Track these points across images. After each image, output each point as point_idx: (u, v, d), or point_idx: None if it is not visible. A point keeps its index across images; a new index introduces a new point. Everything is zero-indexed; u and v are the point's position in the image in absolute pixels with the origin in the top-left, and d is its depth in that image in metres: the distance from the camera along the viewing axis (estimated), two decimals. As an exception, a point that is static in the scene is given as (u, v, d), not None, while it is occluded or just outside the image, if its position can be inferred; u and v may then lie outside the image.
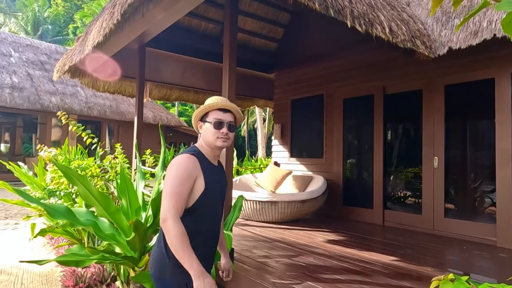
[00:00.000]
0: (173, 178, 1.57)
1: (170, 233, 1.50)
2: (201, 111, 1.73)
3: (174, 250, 1.51)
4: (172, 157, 17.19)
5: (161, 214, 1.53)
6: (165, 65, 6.26)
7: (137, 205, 3.02)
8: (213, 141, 1.71)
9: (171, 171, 1.59)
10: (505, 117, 4.01)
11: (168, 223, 1.50)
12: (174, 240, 1.50)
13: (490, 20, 3.47)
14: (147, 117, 17.65)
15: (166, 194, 1.55)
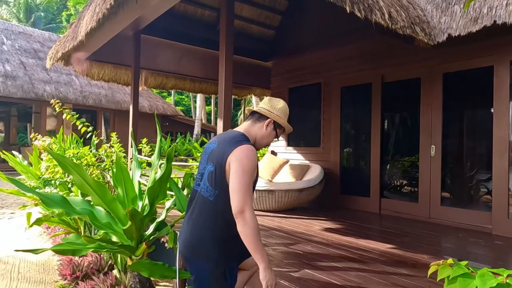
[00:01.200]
0: (247, 171, 1.60)
1: (248, 224, 1.54)
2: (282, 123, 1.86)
3: (249, 239, 1.54)
4: (168, 146, 17.14)
5: (236, 205, 1.55)
6: (161, 52, 6.16)
7: (134, 194, 3.00)
8: (265, 143, 1.87)
9: (246, 161, 1.62)
10: (503, 105, 4.00)
11: (246, 215, 1.54)
12: (250, 231, 1.54)
13: (490, 6, 3.42)
14: (143, 106, 17.50)
15: (241, 186, 1.57)
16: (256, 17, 6.56)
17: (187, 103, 34.07)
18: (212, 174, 1.69)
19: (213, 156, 1.73)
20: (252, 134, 1.83)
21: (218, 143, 1.77)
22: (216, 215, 1.68)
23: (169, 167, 2.73)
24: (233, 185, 1.58)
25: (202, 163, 1.82)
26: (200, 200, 1.73)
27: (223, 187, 1.65)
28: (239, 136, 1.75)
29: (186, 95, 33.45)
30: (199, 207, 1.73)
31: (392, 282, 2.48)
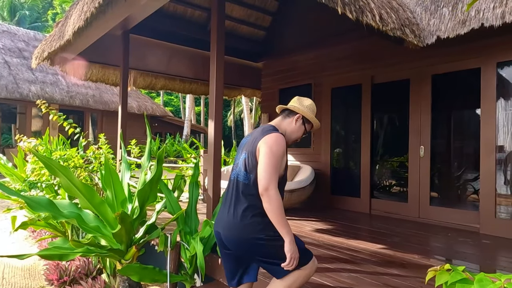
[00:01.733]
0: (275, 154, 1.79)
1: (273, 201, 1.72)
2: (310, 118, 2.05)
3: (274, 215, 1.72)
4: (157, 147, 16.95)
5: (263, 183, 1.73)
6: (150, 52, 6.09)
7: (123, 196, 2.94)
8: (294, 138, 2.07)
9: (273, 146, 1.81)
10: (490, 106, 4.07)
11: (271, 192, 1.72)
12: (275, 207, 1.72)
13: (478, 9, 3.48)
14: (132, 107, 17.29)
15: (267, 166, 1.76)
16: (247, 17, 6.54)
17: (176, 104, 33.81)
18: (246, 161, 1.90)
19: (246, 146, 1.95)
20: (282, 129, 2.02)
21: (251, 134, 2.00)
22: (254, 196, 1.84)
23: (160, 169, 2.69)
24: (260, 165, 1.78)
25: (237, 155, 2.03)
26: (238, 185, 1.90)
27: (256, 171, 1.83)
28: (270, 127, 1.97)
29: (175, 96, 33.21)
30: (238, 191, 1.89)
31: (383, 283, 2.49)
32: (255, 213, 1.82)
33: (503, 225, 3.94)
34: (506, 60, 3.97)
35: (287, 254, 1.74)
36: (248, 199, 1.84)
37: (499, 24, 3.30)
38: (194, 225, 3.10)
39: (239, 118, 29.48)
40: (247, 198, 1.85)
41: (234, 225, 1.85)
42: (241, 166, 1.92)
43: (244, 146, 1.99)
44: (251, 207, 1.83)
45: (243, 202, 1.85)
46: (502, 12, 3.27)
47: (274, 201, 1.72)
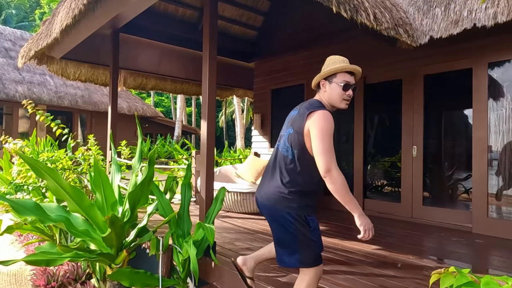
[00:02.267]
0: (327, 133, 1.80)
1: (337, 181, 1.76)
2: (330, 71, 1.93)
3: (340, 195, 1.77)
4: (148, 148, 16.77)
5: (323, 166, 1.77)
6: (141, 52, 5.99)
7: (113, 199, 2.86)
8: (338, 102, 1.97)
9: (322, 125, 1.81)
10: (481, 106, 4.09)
11: (334, 173, 1.76)
12: (340, 187, 1.76)
13: (470, 10, 3.49)
14: (122, 108, 17.07)
15: (324, 148, 1.78)
16: (239, 17, 6.49)
17: (167, 104, 33.55)
18: (291, 136, 1.91)
19: (293, 121, 1.95)
20: (323, 100, 2.00)
21: (299, 109, 1.99)
22: (295, 171, 1.88)
23: (151, 170, 2.62)
24: (316, 148, 1.79)
25: (283, 127, 2.05)
26: (280, 158, 1.94)
27: (301, 147, 1.86)
28: (316, 102, 1.95)
29: (166, 96, 32.95)
30: (279, 164, 1.93)
31: (380, 285, 2.46)
32: (294, 190, 1.87)
33: (495, 224, 3.96)
34: (497, 61, 4.00)
35: (360, 227, 1.78)
36: (290, 174, 1.89)
37: (491, 24, 3.31)
38: (186, 228, 3.03)
39: (230, 119, 29.39)
40: (289, 173, 1.89)
41: (271, 194, 1.90)
42: (286, 140, 1.94)
43: (291, 120, 2.00)
44: (291, 182, 1.88)
45: (285, 175, 1.89)
46: (494, 13, 3.29)
47: (338, 182, 1.76)
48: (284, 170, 1.90)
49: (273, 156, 2.03)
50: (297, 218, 1.87)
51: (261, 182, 2.04)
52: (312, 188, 1.92)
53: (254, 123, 6.97)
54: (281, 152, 1.95)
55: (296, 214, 1.87)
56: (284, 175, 1.90)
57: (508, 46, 3.89)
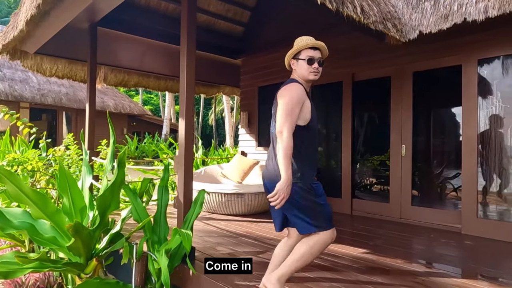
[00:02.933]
0: (289, 100, 1.97)
1: (284, 142, 1.90)
2: (294, 50, 2.14)
3: (281, 156, 1.89)
4: (135, 147, 16.45)
5: (277, 127, 1.94)
6: (122, 47, 5.75)
7: (82, 203, 2.65)
8: (306, 75, 2.13)
9: (286, 94, 2.00)
10: (471, 104, 3.99)
11: (284, 135, 1.91)
12: (284, 149, 1.89)
13: (460, 4, 3.37)
14: (108, 105, 16.72)
15: (282, 112, 1.95)
16: (224, 12, 6.29)
17: (156, 102, 33.12)
18: (273, 115, 2.10)
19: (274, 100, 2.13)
20: (296, 77, 2.17)
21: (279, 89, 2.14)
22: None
23: (121, 173, 2.42)
24: (278, 112, 1.98)
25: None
26: (273, 137, 2.11)
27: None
28: (289, 80, 2.14)
29: (155, 94, 32.52)
30: (273, 143, 2.11)
31: (367, 293, 2.32)
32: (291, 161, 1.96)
33: (484, 225, 3.87)
34: (487, 57, 3.90)
35: (276, 188, 1.88)
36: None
37: (482, 19, 3.19)
38: (163, 234, 2.85)
39: (220, 117, 29.13)
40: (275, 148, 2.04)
41: (273, 172, 2.03)
42: (273, 118, 2.12)
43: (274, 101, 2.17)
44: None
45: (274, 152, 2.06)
46: (485, 7, 3.17)
47: (285, 142, 1.90)
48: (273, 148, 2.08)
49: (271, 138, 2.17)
50: (304, 188, 2.01)
51: (266, 166, 2.18)
52: (306, 152, 2.04)
53: (241, 122, 6.79)
54: (272, 132, 2.13)
55: (303, 185, 2.00)
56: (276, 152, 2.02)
57: (497, 42, 3.79)
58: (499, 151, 3.84)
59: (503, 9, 3.08)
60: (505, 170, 3.82)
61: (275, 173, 1.99)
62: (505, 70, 3.81)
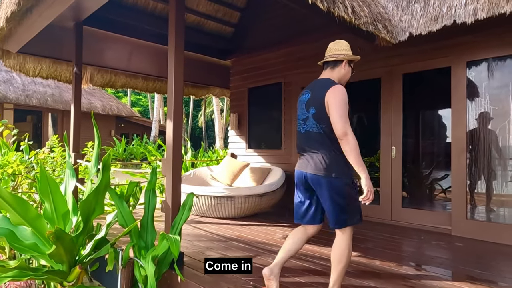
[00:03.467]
0: (343, 102, 2.11)
1: (351, 143, 2.06)
2: (355, 58, 2.36)
3: (353, 156, 2.06)
4: (123, 149, 16.20)
5: (340, 130, 2.06)
6: (109, 47, 5.62)
7: (64, 208, 2.54)
8: (346, 81, 2.38)
9: (339, 97, 2.11)
10: (460, 106, 4.01)
11: (349, 136, 2.06)
12: (354, 149, 2.06)
13: (450, 6, 3.37)
14: (95, 107, 16.44)
15: (341, 114, 2.08)
16: (214, 12, 6.23)
17: (144, 104, 32.77)
18: (316, 115, 2.19)
19: (312, 102, 2.23)
20: (335, 78, 2.31)
21: (312, 91, 2.28)
22: (329, 143, 2.16)
23: (106, 176, 2.33)
24: (333, 116, 2.09)
25: (301, 111, 2.32)
26: (312, 136, 2.23)
27: (327, 121, 2.15)
28: (328, 81, 2.24)
29: (144, 95, 32.17)
30: (313, 141, 2.21)
31: (359, 298, 2.27)
32: (335, 159, 2.15)
33: (474, 226, 3.88)
34: (475, 60, 3.92)
35: (365, 188, 2.10)
36: (324, 146, 2.17)
37: (471, 21, 3.20)
38: (150, 239, 2.76)
39: (210, 119, 28.97)
40: (325, 146, 2.17)
41: (317, 168, 2.16)
42: (312, 119, 2.22)
43: (308, 102, 2.27)
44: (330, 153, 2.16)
45: (321, 149, 2.18)
46: (474, 9, 3.18)
47: (353, 143, 2.05)
48: (319, 144, 2.18)
49: (303, 138, 2.29)
50: (347, 182, 2.16)
51: (301, 162, 2.30)
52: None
53: (231, 123, 6.72)
54: (311, 131, 2.23)
55: (346, 178, 2.16)
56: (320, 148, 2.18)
57: (486, 44, 3.82)
58: (488, 152, 3.87)
59: (492, 11, 3.09)
60: (493, 172, 3.84)
61: (322, 166, 2.15)
62: (493, 72, 3.84)
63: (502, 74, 3.77)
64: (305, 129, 2.28)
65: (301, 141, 2.31)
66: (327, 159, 2.15)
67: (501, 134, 3.78)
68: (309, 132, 2.24)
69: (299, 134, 2.33)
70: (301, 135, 2.31)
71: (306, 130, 2.26)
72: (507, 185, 3.77)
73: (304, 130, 2.28)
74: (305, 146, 2.27)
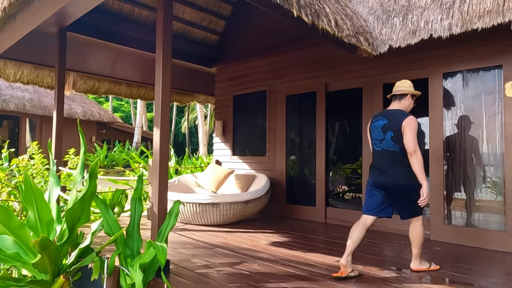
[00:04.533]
0: (415, 129, 2.80)
1: (419, 159, 2.75)
2: (417, 93, 3.06)
3: (418, 167, 2.75)
4: (105, 156, 15.90)
5: (411, 148, 2.75)
6: (92, 53, 5.58)
7: (49, 217, 2.51)
8: (409, 109, 3.05)
9: (413, 125, 2.80)
10: (437, 115, 4.19)
11: (418, 153, 2.75)
12: (420, 164, 2.76)
13: (426, 20, 3.55)
14: (76, 112, 16.12)
15: (413, 137, 2.76)
16: (199, 21, 6.29)
17: (127, 110, 32.30)
18: (393, 137, 2.86)
19: (389, 126, 2.88)
20: (402, 108, 3.01)
21: (388, 118, 2.92)
22: (402, 158, 2.85)
23: (93, 184, 2.32)
24: (407, 138, 2.78)
25: (377, 133, 2.97)
26: (389, 154, 2.90)
27: (401, 142, 2.83)
28: (401, 111, 2.93)
29: (126, 101, 31.72)
30: (389, 158, 2.90)
31: (343, 302, 2.34)
32: (409, 169, 2.82)
33: (451, 231, 4.04)
34: (451, 71, 4.12)
35: (424, 192, 2.76)
36: (402, 161, 2.85)
37: (446, 35, 3.38)
38: (136, 247, 2.75)
39: (193, 125, 28.82)
40: (401, 160, 2.86)
41: (399, 177, 2.85)
42: (390, 140, 2.88)
43: (384, 127, 2.91)
44: (405, 165, 2.84)
45: (399, 163, 2.86)
46: (449, 24, 3.36)
47: (420, 158, 2.76)
48: (395, 159, 2.87)
49: (379, 154, 2.97)
50: (417, 186, 2.80)
51: (379, 173, 2.94)
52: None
53: (216, 130, 6.75)
54: (388, 149, 2.89)
55: (415, 184, 2.82)
56: (396, 164, 2.86)
57: (461, 57, 4.02)
58: (463, 160, 4.05)
59: (465, 27, 3.28)
60: (469, 179, 4.02)
61: (401, 177, 2.83)
62: (467, 83, 4.04)
63: (475, 85, 3.97)
64: (381, 147, 2.94)
65: (379, 157, 2.97)
66: (402, 171, 2.84)
67: (475, 142, 3.97)
68: (386, 150, 2.91)
69: (376, 152, 3.01)
70: (378, 152, 2.98)
71: (382, 148, 2.93)
72: (481, 191, 3.95)
73: (380, 149, 2.95)
74: (382, 161, 2.94)
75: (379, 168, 2.94)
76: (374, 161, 3.02)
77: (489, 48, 3.80)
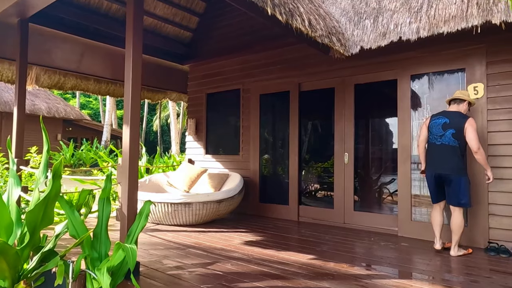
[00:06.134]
0: (475, 129, 3.33)
1: (482, 154, 3.30)
2: (471, 101, 3.53)
3: (483, 161, 3.33)
4: (71, 154, 15.25)
5: (475, 146, 3.28)
6: (57, 47, 5.31)
7: (7, 220, 2.35)
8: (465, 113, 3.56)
9: (474, 126, 3.33)
10: (405, 116, 4.34)
11: (481, 149, 3.29)
12: (484, 157, 3.31)
13: (396, 23, 3.66)
14: (40, 109, 15.34)
15: (475, 137, 3.29)
16: (172, 16, 6.15)
17: (95, 106, 31.18)
18: (455, 134, 3.38)
19: (451, 125, 3.41)
20: (461, 111, 3.49)
21: (449, 118, 3.45)
22: (459, 153, 3.40)
23: (56, 185, 2.20)
24: (471, 137, 3.29)
25: (437, 129, 3.50)
26: (448, 148, 3.42)
27: (463, 139, 3.36)
28: (461, 113, 3.45)
29: (94, 98, 30.60)
30: (448, 151, 3.42)
31: (316, 299, 2.36)
32: (463, 162, 3.42)
33: (417, 227, 4.20)
34: (418, 73, 4.28)
35: (491, 176, 3.39)
36: (458, 155, 3.39)
37: (415, 38, 3.50)
38: (104, 249, 2.64)
39: (165, 123, 28.27)
40: (458, 154, 3.39)
41: (454, 168, 3.38)
42: (451, 136, 3.40)
43: (445, 125, 3.44)
44: (461, 158, 3.40)
45: (456, 157, 3.39)
46: (417, 27, 3.48)
47: (483, 154, 3.30)
48: (453, 153, 3.39)
49: (438, 148, 3.48)
50: (467, 178, 3.39)
51: (437, 164, 3.48)
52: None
53: (189, 129, 6.64)
54: (448, 144, 3.41)
55: (466, 176, 3.39)
56: (455, 157, 3.38)
57: (428, 60, 4.18)
58: (429, 159, 4.21)
59: (432, 31, 3.41)
60: (434, 176, 4.19)
61: (458, 167, 3.37)
62: (433, 85, 4.21)
63: (441, 87, 4.15)
64: (440, 142, 3.45)
65: (438, 150, 3.47)
66: (459, 164, 3.36)
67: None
68: (445, 145, 3.42)
69: (435, 146, 3.49)
70: (438, 146, 3.47)
71: (442, 143, 3.44)
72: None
73: (440, 143, 3.45)
74: (440, 154, 3.45)
75: (439, 159, 3.45)
76: (433, 154, 3.51)
77: (453, 52, 3.98)
